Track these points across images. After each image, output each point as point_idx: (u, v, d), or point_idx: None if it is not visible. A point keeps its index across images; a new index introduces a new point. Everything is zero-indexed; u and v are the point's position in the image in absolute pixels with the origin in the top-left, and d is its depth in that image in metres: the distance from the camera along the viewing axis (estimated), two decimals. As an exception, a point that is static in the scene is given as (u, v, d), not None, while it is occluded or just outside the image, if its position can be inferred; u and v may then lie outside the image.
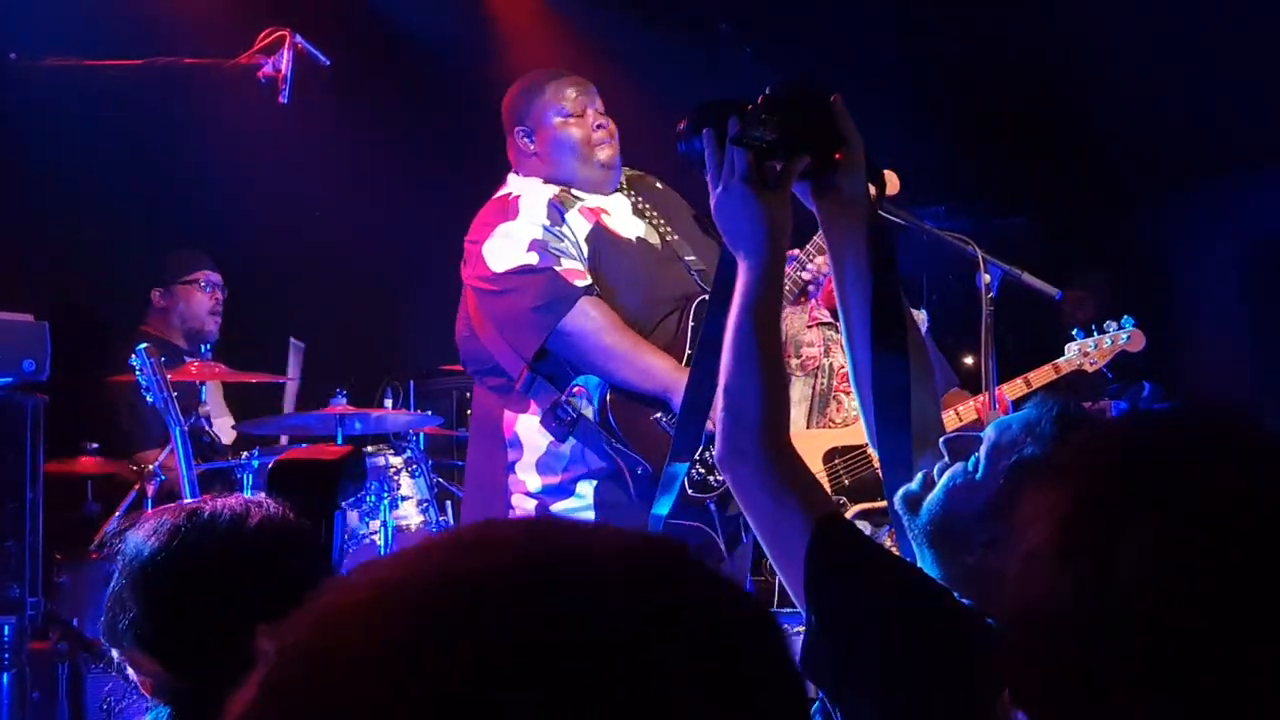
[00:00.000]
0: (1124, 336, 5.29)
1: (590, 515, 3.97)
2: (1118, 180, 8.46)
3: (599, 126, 4.21)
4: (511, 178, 4.27)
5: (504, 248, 4.04)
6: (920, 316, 5.76)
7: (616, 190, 4.29)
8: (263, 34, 4.97)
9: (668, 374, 3.94)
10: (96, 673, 4.47)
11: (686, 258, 4.18)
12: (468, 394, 7.10)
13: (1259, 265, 8.61)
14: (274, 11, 5.20)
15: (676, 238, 4.23)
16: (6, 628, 4.12)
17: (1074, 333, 5.33)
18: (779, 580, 2.26)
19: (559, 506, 4.04)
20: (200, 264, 6.08)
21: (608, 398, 3.97)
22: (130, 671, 2.06)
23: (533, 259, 3.99)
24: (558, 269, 3.98)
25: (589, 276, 4.02)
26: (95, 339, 5.89)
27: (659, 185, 4.40)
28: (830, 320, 5.61)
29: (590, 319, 3.94)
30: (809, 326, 5.62)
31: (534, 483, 4.06)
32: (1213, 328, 8.58)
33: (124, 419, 5.60)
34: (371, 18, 6.88)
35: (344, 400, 5.57)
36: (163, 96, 5.77)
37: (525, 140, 4.23)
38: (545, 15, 7.52)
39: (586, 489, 4.01)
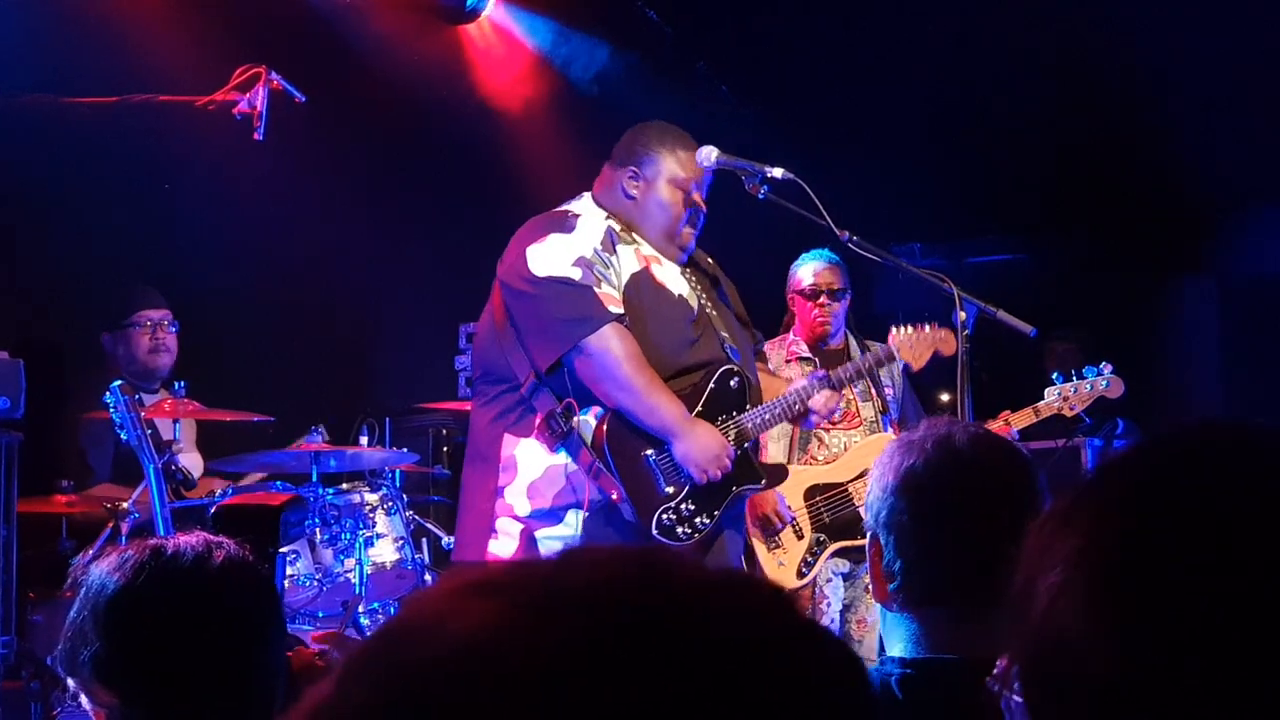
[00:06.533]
0: (1104, 383, 5.34)
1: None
2: (1102, 222, 8.54)
3: (694, 212, 4.33)
4: (586, 200, 4.32)
5: (550, 254, 4.11)
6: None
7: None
8: (239, 70, 4.97)
9: (673, 417, 4.03)
10: (69, 712, 4.43)
11: (720, 331, 4.26)
12: (444, 431, 7.09)
13: (1234, 304, 8.69)
14: (251, 49, 5.20)
15: (715, 314, 4.33)
16: (-22, 667, 4.09)
17: (1054, 376, 5.38)
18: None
19: (545, 532, 4.06)
20: (136, 303, 5.85)
21: (607, 422, 4.00)
22: (85, 701, 2.05)
23: (575, 274, 4.08)
24: (596, 290, 4.03)
25: (623, 307, 4.07)
26: (69, 375, 5.85)
27: (710, 260, 4.49)
28: (809, 355, 5.61)
29: (614, 345, 4.02)
30: (788, 362, 5.61)
31: (523, 506, 4.09)
32: (1187, 366, 8.62)
33: (91, 455, 5.56)
34: (348, 55, 6.88)
35: (320, 437, 5.54)
36: (137, 133, 5.75)
37: (631, 181, 4.32)
38: (520, 51, 7.54)
39: (574, 519, 4.04)
